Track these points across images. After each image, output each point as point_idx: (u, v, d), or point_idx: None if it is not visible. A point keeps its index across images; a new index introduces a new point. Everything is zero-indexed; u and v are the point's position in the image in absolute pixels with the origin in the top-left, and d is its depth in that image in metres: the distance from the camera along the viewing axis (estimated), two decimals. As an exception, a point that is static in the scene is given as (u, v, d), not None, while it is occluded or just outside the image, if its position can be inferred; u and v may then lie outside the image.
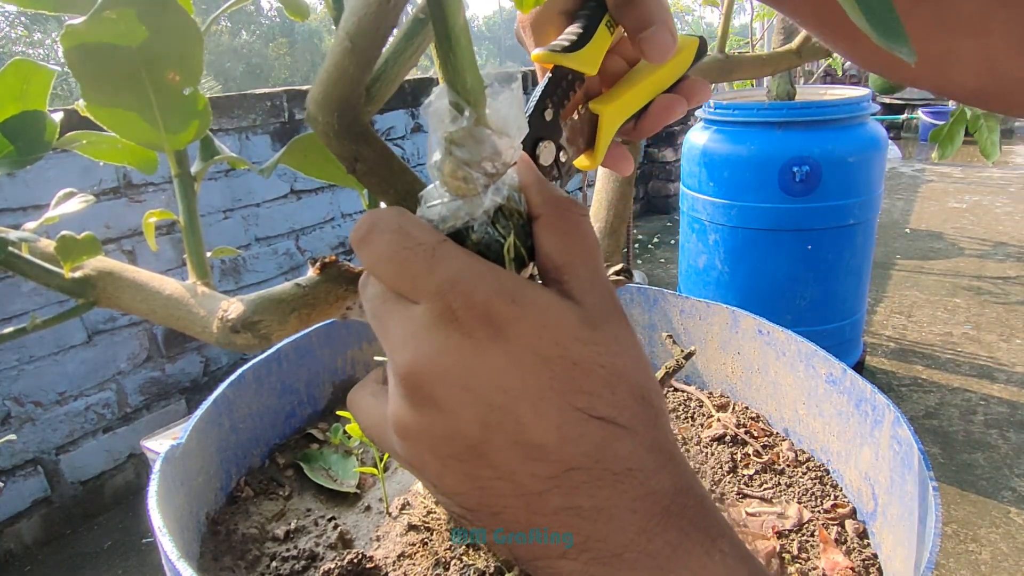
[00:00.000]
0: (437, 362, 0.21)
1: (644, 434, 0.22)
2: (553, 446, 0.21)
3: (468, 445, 0.21)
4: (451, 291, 0.21)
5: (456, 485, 0.22)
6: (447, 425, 0.21)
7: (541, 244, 0.24)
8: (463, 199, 0.23)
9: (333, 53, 0.24)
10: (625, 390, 0.22)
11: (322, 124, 0.26)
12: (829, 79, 5.71)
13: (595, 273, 0.24)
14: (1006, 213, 3.99)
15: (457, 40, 0.22)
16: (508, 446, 0.21)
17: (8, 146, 0.40)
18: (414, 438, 0.22)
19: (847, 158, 1.80)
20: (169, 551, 0.43)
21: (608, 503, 0.21)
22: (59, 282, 0.40)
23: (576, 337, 0.22)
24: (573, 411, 0.21)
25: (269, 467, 0.72)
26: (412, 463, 0.23)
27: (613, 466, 0.21)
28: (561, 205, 0.24)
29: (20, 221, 1.50)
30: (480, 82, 0.22)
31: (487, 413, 0.21)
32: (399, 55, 0.26)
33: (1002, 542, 1.52)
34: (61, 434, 1.66)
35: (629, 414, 0.22)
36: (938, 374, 2.22)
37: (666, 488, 0.22)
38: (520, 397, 0.21)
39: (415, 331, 0.21)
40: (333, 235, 2.29)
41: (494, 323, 0.21)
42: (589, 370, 0.21)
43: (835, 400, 0.64)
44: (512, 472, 0.21)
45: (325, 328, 0.79)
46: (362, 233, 0.23)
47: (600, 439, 0.21)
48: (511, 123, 0.23)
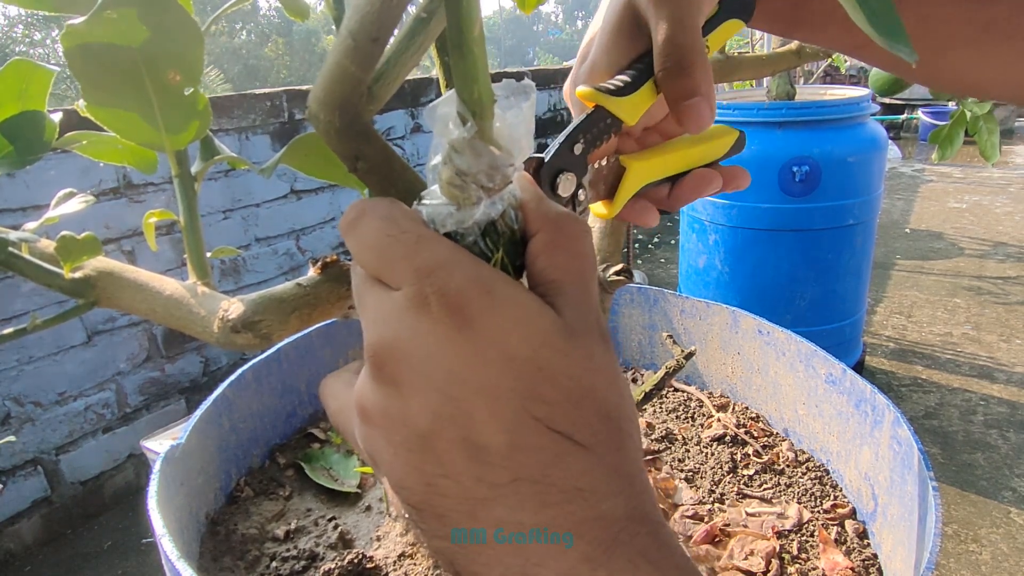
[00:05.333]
0: (403, 344, 0.20)
1: (604, 456, 0.21)
2: (502, 451, 0.20)
3: (418, 434, 0.20)
4: (427, 277, 0.21)
5: (404, 477, 0.21)
6: (401, 409, 0.20)
7: (534, 262, 0.23)
8: (457, 207, 0.23)
9: (335, 51, 0.24)
10: (590, 407, 0.21)
11: (323, 122, 0.26)
12: (829, 79, 5.71)
13: (584, 291, 0.23)
14: (1006, 213, 3.99)
15: (470, 50, 0.21)
16: (457, 442, 0.20)
17: (7, 146, 0.40)
18: (371, 420, 0.21)
19: (847, 158, 1.80)
20: (169, 551, 0.43)
21: (552, 523, 0.20)
22: (59, 282, 0.40)
23: (547, 342, 0.21)
24: (529, 418, 0.20)
25: (269, 467, 0.72)
26: (367, 448, 0.22)
27: (562, 483, 0.20)
28: (559, 222, 0.23)
29: (20, 221, 1.50)
30: (490, 95, 0.22)
31: (441, 404, 0.20)
32: (401, 54, 0.26)
33: (1002, 542, 1.52)
34: (61, 434, 1.66)
35: (590, 432, 0.21)
36: (938, 374, 2.22)
37: (618, 514, 0.20)
38: (476, 392, 0.20)
39: (388, 313, 0.21)
40: (334, 235, 2.29)
41: (464, 312, 0.20)
42: (554, 379, 0.20)
43: (835, 400, 0.64)
44: (458, 472, 0.20)
45: (326, 328, 0.79)
46: (351, 219, 0.23)
47: (553, 453, 0.20)
48: (515, 140, 0.22)
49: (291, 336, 0.73)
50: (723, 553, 0.57)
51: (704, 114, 0.31)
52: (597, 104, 0.31)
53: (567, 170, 0.30)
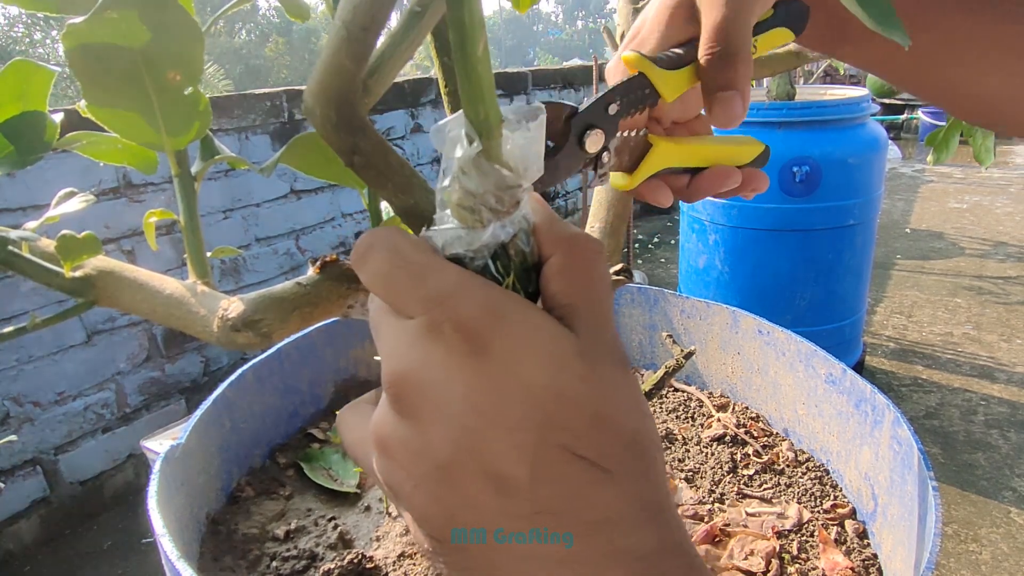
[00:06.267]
0: (419, 374, 0.20)
1: (630, 484, 0.20)
2: (524, 482, 0.19)
3: (439, 466, 0.20)
4: (439, 305, 0.20)
5: (425, 510, 0.20)
6: (421, 441, 0.20)
7: (548, 285, 0.22)
8: (466, 229, 0.22)
9: (329, 45, 0.24)
10: (614, 434, 0.20)
11: (319, 116, 0.26)
12: (829, 79, 5.72)
13: (601, 314, 0.22)
14: (1006, 213, 3.99)
15: (474, 68, 0.21)
16: (478, 473, 0.19)
17: (8, 146, 0.40)
18: (390, 452, 0.21)
19: (847, 158, 1.80)
20: (169, 551, 0.43)
21: (579, 556, 0.19)
22: (59, 281, 0.40)
23: (565, 367, 0.20)
24: (551, 447, 0.19)
25: (270, 467, 0.72)
26: (387, 480, 0.22)
27: (589, 514, 0.19)
28: (573, 243, 0.23)
29: (20, 221, 1.50)
30: (497, 114, 0.22)
31: (460, 435, 0.19)
32: (395, 48, 0.26)
33: (1003, 542, 1.52)
34: (60, 434, 1.66)
35: (615, 460, 0.20)
36: (938, 374, 2.22)
37: (649, 547, 0.20)
38: (494, 422, 0.19)
39: (403, 343, 0.21)
40: (333, 235, 2.29)
41: (478, 339, 0.20)
42: (575, 405, 0.20)
43: (835, 400, 0.64)
44: (480, 504, 0.19)
45: (327, 327, 0.79)
46: (360, 253, 0.22)
47: (577, 482, 0.19)
48: (525, 162, 0.22)
49: (291, 335, 0.73)
50: (723, 553, 0.57)
51: (736, 109, 0.31)
52: (640, 71, 0.31)
53: (597, 127, 0.29)
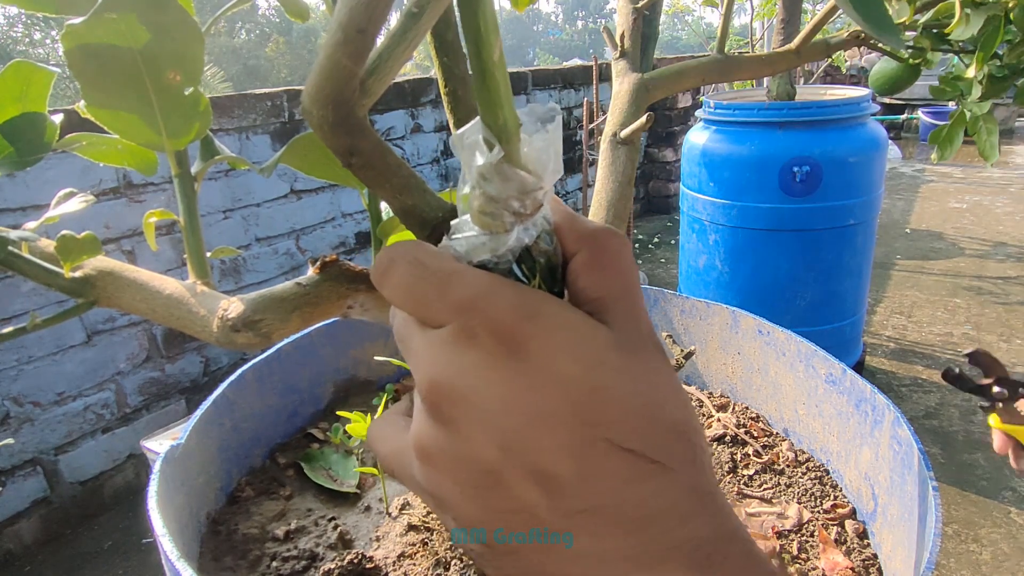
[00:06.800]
0: (455, 382, 0.20)
1: (680, 473, 0.20)
2: (571, 479, 0.19)
3: (484, 470, 0.20)
4: (468, 310, 0.20)
5: (473, 515, 0.20)
6: (464, 447, 0.20)
7: (576, 281, 0.22)
8: (490, 235, 0.22)
9: (327, 45, 0.24)
10: (658, 423, 0.20)
11: (317, 117, 0.26)
12: (829, 79, 5.72)
13: (633, 306, 0.22)
14: (1006, 213, 3.99)
15: (491, 75, 0.21)
16: (525, 475, 0.19)
17: (8, 147, 0.40)
18: (434, 460, 0.21)
19: (847, 158, 1.80)
20: (169, 551, 0.43)
21: (637, 550, 0.19)
22: (59, 282, 0.40)
23: (603, 361, 0.20)
24: (597, 441, 0.19)
25: (270, 467, 0.72)
26: (430, 489, 0.21)
27: (641, 507, 0.19)
28: (597, 238, 0.23)
29: (20, 221, 1.50)
30: (515, 119, 0.22)
31: (502, 437, 0.19)
32: (393, 49, 0.26)
33: (1003, 542, 1.52)
34: (60, 434, 1.66)
35: (662, 450, 0.20)
36: (938, 374, 2.22)
37: (705, 534, 0.19)
38: (536, 421, 0.19)
39: (435, 352, 0.21)
40: (334, 235, 2.29)
41: (512, 340, 0.20)
42: (616, 398, 0.20)
43: (835, 400, 0.64)
44: (530, 505, 0.19)
45: (327, 327, 0.79)
46: (381, 271, 0.22)
47: (626, 475, 0.19)
48: (544, 163, 0.22)
49: (291, 335, 0.73)
50: (723, 553, 0.57)
51: None
52: None
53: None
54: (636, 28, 0.70)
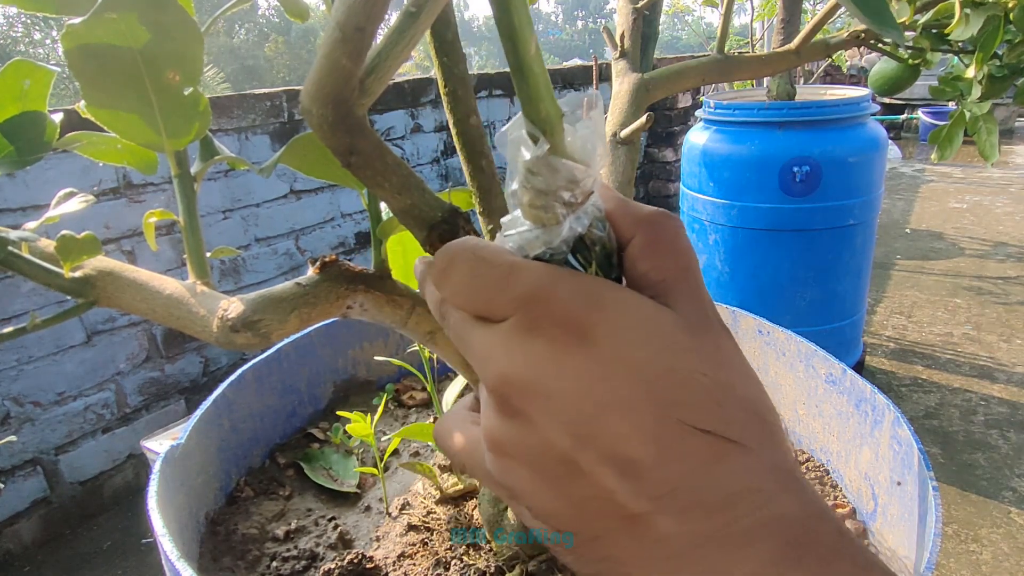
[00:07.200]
0: (524, 374, 0.20)
1: (760, 452, 0.19)
2: (651, 462, 0.19)
3: (560, 459, 0.19)
4: (531, 302, 0.20)
5: (550, 505, 0.20)
6: (539, 438, 0.20)
7: (635, 266, 0.22)
8: (542, 228, 0.22)
9: (326, 45, 0.24)
10: (734, 402, 0.20)
11: (316, 116, 0.26)
12: (829, 79, 5.72)
13: (695, 286, 0.22)
14: (1006, 213, 3.99)
15: (530, 69, 0.21)
16: (603, 461, 0.19)
17: (8, 147, 0.40)
18: (508, 453, 0.21)
19: (847, 158, 1.80)
20: (169, 551, 0.43)
21: (726, 530, 0.18)
22: (59, 282, 0.40)
23: (672, 343, 0.20)
24: (673, 423, 0.19)
25: (269, 467, 0.72)
26: (505, 482, 0.21)
27: (725, 487, 0.19)
28: (653, 221, 0.23)
29: (20, 221, 1.50)
30: (557, 110, 0.22)
31: (577, 425, 0.19)
32: (391, 48, 0.26)
33: (1003, 542, 1.52)
34: (60, 434, 1.66)
35: (739, 429, 0.19)
36: (938, 374, 2.22)
37: (794, 513, 0.19)
38: (610, 407, 0.19)
39: (500, 346, 0.21)
40: (333, 235, 2.29)
41: (579, 328, 0.20)
42: (689, 379, 0.19)
43: (835, 400, 0.64)
44: (609, 491, 0.19)
45: (326, 327, 0.79)
46: (441, 268, 0.22)
47: (708, 455, 0.19)
48: (590, 151, 0.22)
49: (291, 336, 0.73)
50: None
51: None
52: None
53: None
54: (636, 28, 0.70)
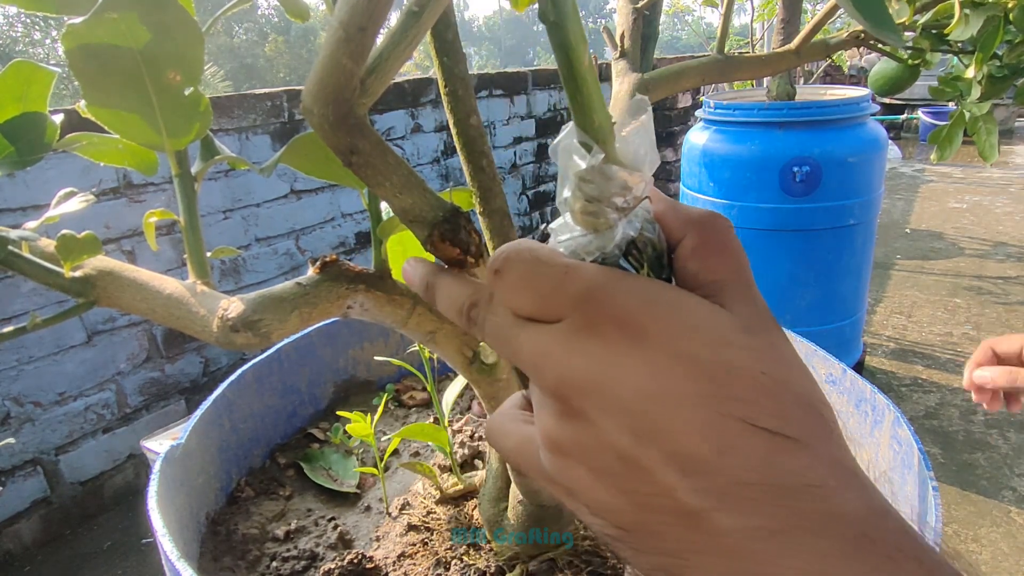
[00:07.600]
0: (582, 374, 0.20)
1: (819, 448, 0.20)
2: (711, 458, 0.19)
3: (620, 457, 0.20)
4: (589, 302, 0.21)
5: (610, 501, 0.20)
6: (598, 437, 0.20)
7: (686, 266, 0.23)
8: (595, 233, 0.23)
9: (328, 44, 0.24)
10: (791, 400, 0.20)
11: (317, 116, 0.26)
12: (829, 79, 5.72)
13: (747, 285, 0.23)
14: (1006, 213, 3.99)
15: (584, 80, 0.21)
16: (663, 458, 0.19)
17: (8, 147, 0.40)
18: (567, 453, 0.21)
19: (847, 158, 1.80)
20: (169, 551, 0.43)
21: (787, 525, 0.18)
22: (59, 281, 0.40)
23: (728, 341, 0.20)
24: (731, 420, 0.19)
25: (270, 467, 0.72)
26: (564, 480, 0.22)
27: (787, 481, 0.19)
28: (703, 222, 0.23)
29: (20, 221, 1.50)
30: (608, 119, 0.22)
31: (636, 423, 0.20)
32: (393, 48, 0.26)
33: (1003, 542, 1.52)
34: (60, 434, 1.66)
35: (798, 425, 0.20)
36: (938, 374, 2.22)
37: (857, 509, 0.19)
38: (668, 405, 0.19)
39: (557, 347, 0.21)
40: (333, 235, 2.29)
41: (635, 327, 0.20)
42: (746, 376, 0.20)
43: (835, 400, 0.64)
44: (670, 487, 0.19)
45: (326, 327, 0.79)
46: (496, 268, 0.23)
47: (766, 451, 0.19)
48: (641, 157, 0.23)
49: (291, 336, 0.73)
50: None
51: None
52: None
53: None
54: (636, 28, 0.70)
